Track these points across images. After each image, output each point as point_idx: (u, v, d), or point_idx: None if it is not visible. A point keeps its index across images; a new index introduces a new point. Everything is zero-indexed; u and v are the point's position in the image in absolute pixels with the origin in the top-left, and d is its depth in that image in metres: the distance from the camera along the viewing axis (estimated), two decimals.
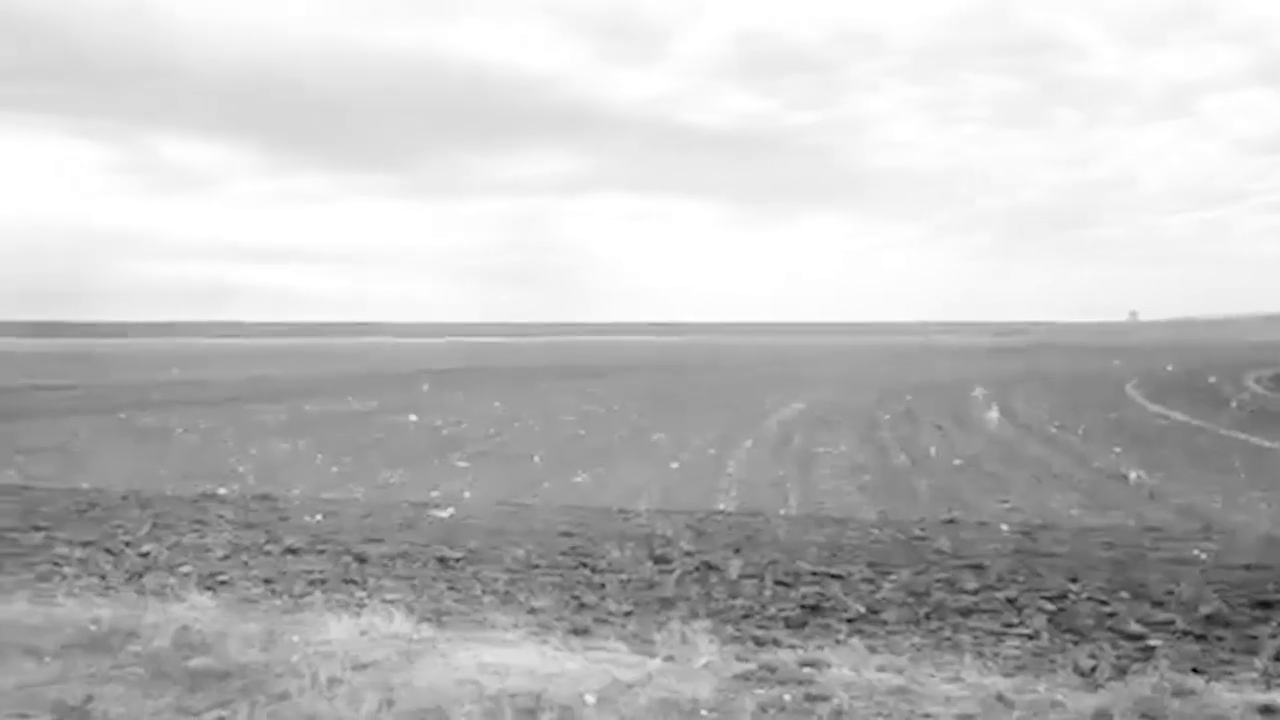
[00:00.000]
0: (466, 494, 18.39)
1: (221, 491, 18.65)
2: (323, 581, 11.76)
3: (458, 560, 12.86)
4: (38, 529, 14.89)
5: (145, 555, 13.17)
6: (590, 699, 7.31)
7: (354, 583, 11.71)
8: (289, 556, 13.17)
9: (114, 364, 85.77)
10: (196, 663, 8.06)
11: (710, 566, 12.36)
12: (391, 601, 10.51)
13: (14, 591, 10.93)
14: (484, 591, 11.27)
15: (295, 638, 8.71)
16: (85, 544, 13.81)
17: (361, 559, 12.95)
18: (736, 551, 13.19)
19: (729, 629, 9.69)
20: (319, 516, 15.94)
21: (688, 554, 13.08)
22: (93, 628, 8.95)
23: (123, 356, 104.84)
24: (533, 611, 10.32)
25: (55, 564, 12.66)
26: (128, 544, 13.86)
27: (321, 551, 13.41)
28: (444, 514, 16.18)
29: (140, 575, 12.05)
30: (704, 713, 7.15)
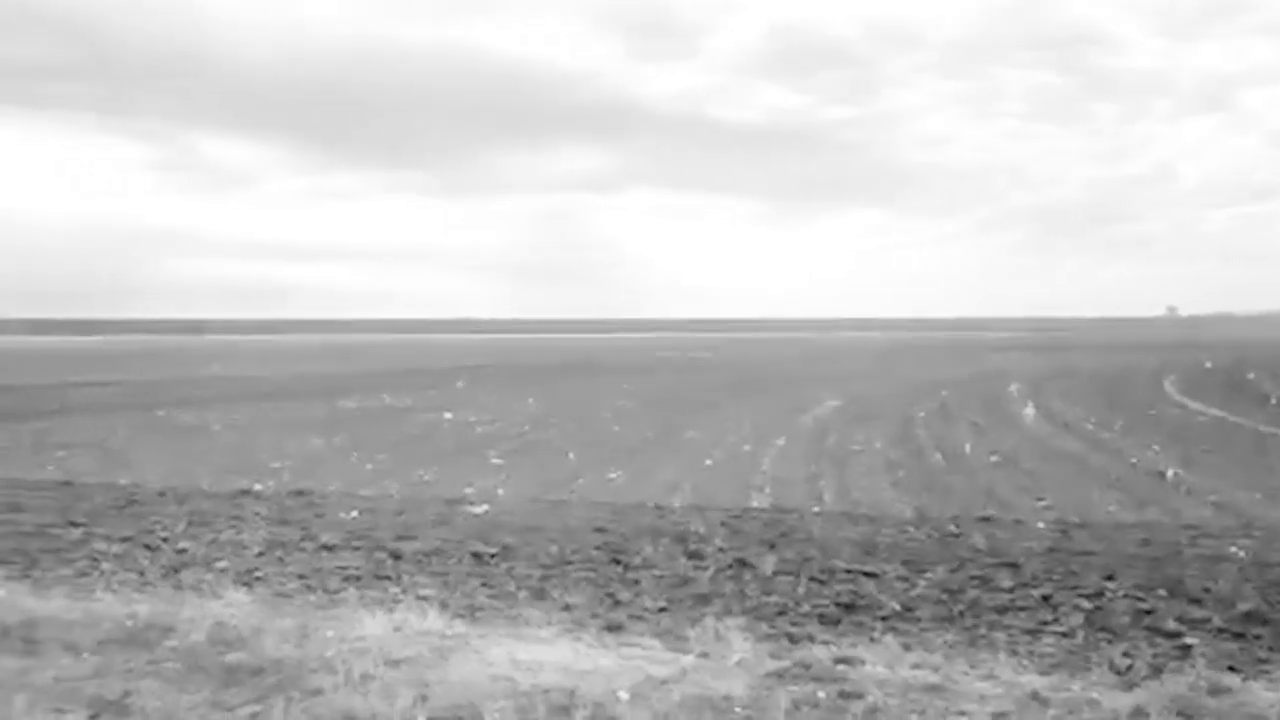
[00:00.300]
0: (501, 491, 18.44)
1: (258, 488, 18.79)
2: (357, 578, 11.83)
3: (492, 556, 12.90)
4: (76, 525, 15.05)
5: (182, 551, 13.28)
6: (624, 696, 7.32)
7: (388, 579, 11.77)
8: (324, 553, 13.25)
9: (152, 361, 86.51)
10: (232, 658, 8.13)
11: (744, 563, 12.35)
12: (425, 598, 10.57)
13: (52, 587, 11.06)
14: (518, 588, 11.30)
15: (330, 633, 8.77)
16: (123, 540, 13.95)
17: (396, 555, 13.01)
18: (771, 548, 13.17)
19: (763, 626, 9.67)
20: (354, 513, 16.03)
21: (722, 550, 13.07)
22: (130, 623, 9.04)
23: (160, 354, 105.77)
24: (567, 608, 10.34)
25: (93, 559, 12.80)
26: (165, 540, 13.98)
27: (356, 548, 13.48)
28: (479, 510, 16.24)
29: (177, 571, 12.15)
30: (737, 710, 7.13)
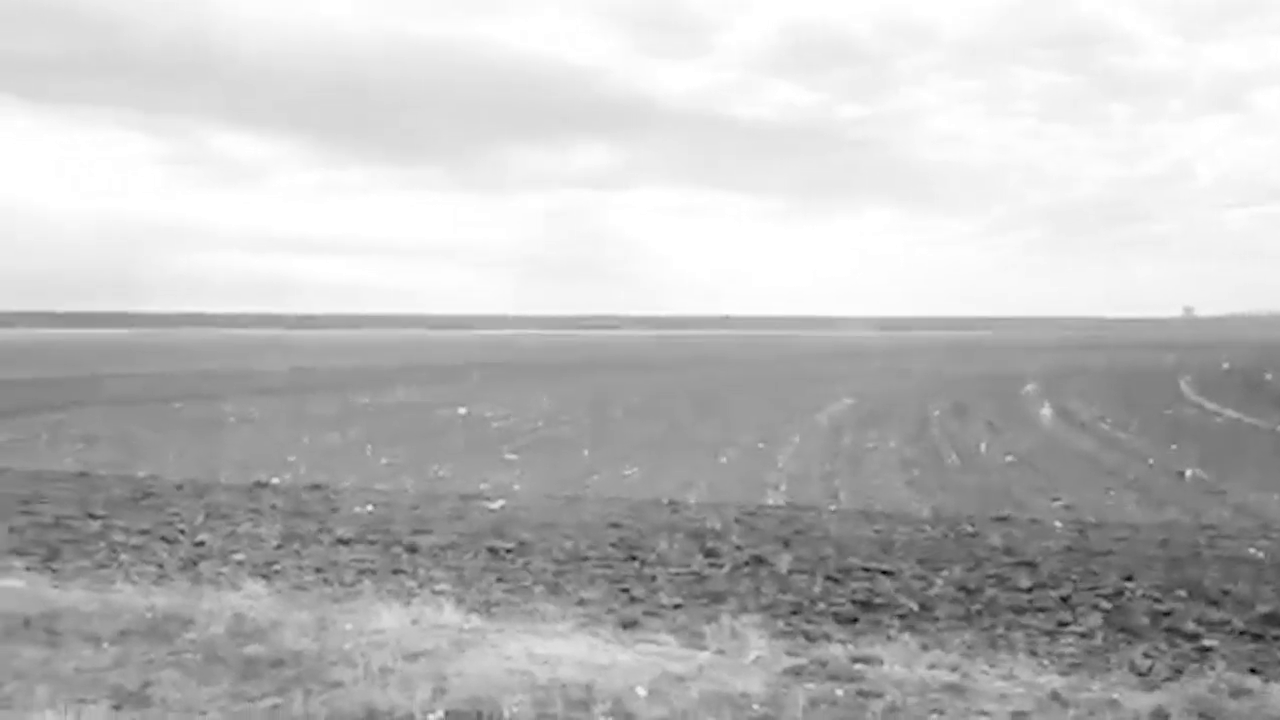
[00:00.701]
0: (516, 486, 18.45)
1: (274, 481, 18.83)
2: (373, 571, 11.85)
3: (507, 551, 12.92)
4: (95, 517, 15.11)
5: (200, 544, 13.33)
6: (641, 691, 7.31)
7: (404, 573, 11.79)
8: (340, 546, 13.28)
9: (165, 355, 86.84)
10: (251, 650, 8.15)
11: (760, 560, 12.34)
12: (441, 592, 10.58)
13: (73, 578, 11.11)
14: (534, 583, 11.32)
15: (348, 626, 8.79)
16: (141, 532, 14.00)
17: (412, 549, 13.04)
18: (786, 546, 13.16)
19: (779, 624, 9.66)
20: (370, 507, 16.06)
21: (737, 548, 13.07)
22: (149, 615, 9.07)
23: (175, 347, 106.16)
24: (582, 603, 10.35)
25: (112, 551, 12.85)
26: (183, 532, 14.04)
27: (372, 542, 13.51)
28: (494, 506, 16.25)
29: (195, 563, 12.19)
30: (755, 707, 7.12)
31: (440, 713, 6.91)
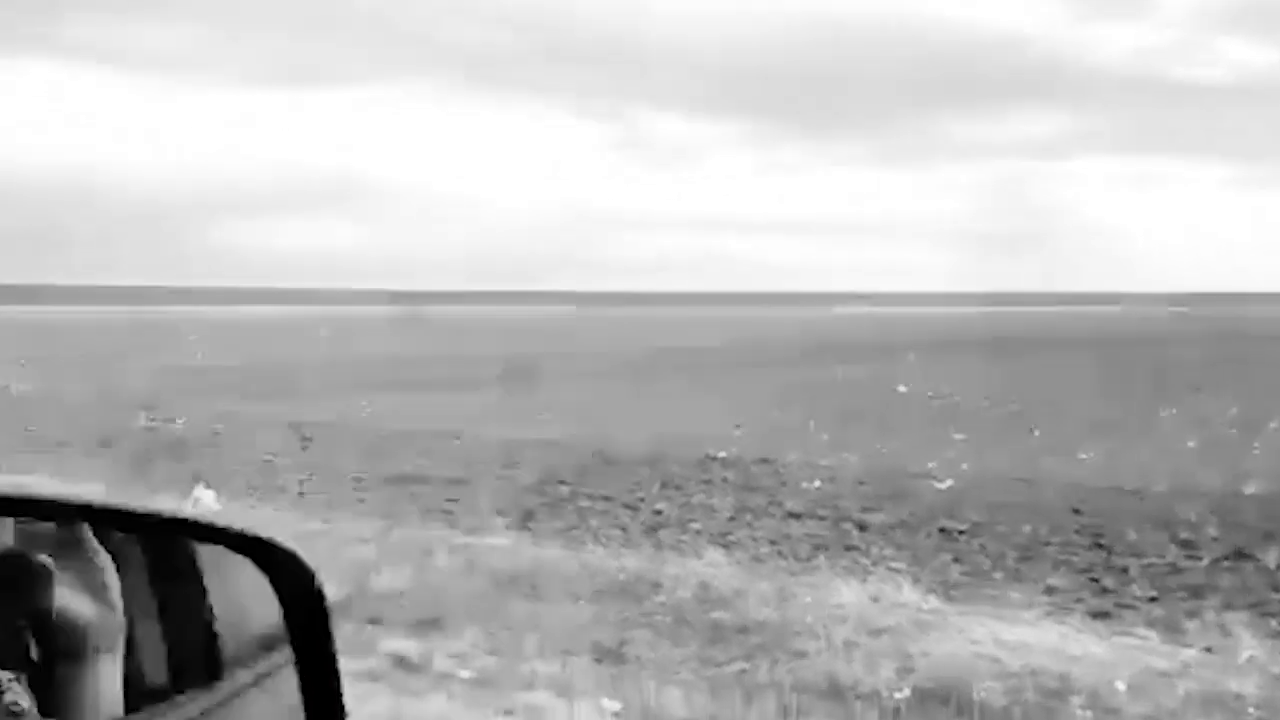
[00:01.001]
0: (964, 466, 17.96)
1: (722, 454, 19.33)
2: (826, 547, 11.92)
3: (960, 533, 12.65)
4: (562, 483, 16.13)
5: (658, 512, 13.93)
6: (1120, 685, 6.89)
7: (857, 549, 11.79)
8: (791, 520, 13.48)
9: (610, 331, 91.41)
10: (717, 615, 8.39)
11: (1243, 554, 11.36)
12: (897, 570, 10.47)
13: (548, 538, 11.93)
14: (993, 567, 11.00)
15: (807, 599, 8.86)
16: (605, 498, 14.83)
17: (862, 526, 13.02)
18: (1273, 539, 12.01)
19: (1273, 623, 8.84)
20: (816, 483, 16.15)
21: (1215, 539, 12.12)
22: (620, 576, 9.55)
23: (618, 325, 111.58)
24: (1049, 591, 9.94)
25: (580, 515, 13.68)
26: (642, 500, 14.73)
27: (822, 517, 13.60)
28: (943, 485, 15.92)
29: (655, 530, 12.76)
30: (1250, 710, 6.55)
31: (907, 691, 6.80)
